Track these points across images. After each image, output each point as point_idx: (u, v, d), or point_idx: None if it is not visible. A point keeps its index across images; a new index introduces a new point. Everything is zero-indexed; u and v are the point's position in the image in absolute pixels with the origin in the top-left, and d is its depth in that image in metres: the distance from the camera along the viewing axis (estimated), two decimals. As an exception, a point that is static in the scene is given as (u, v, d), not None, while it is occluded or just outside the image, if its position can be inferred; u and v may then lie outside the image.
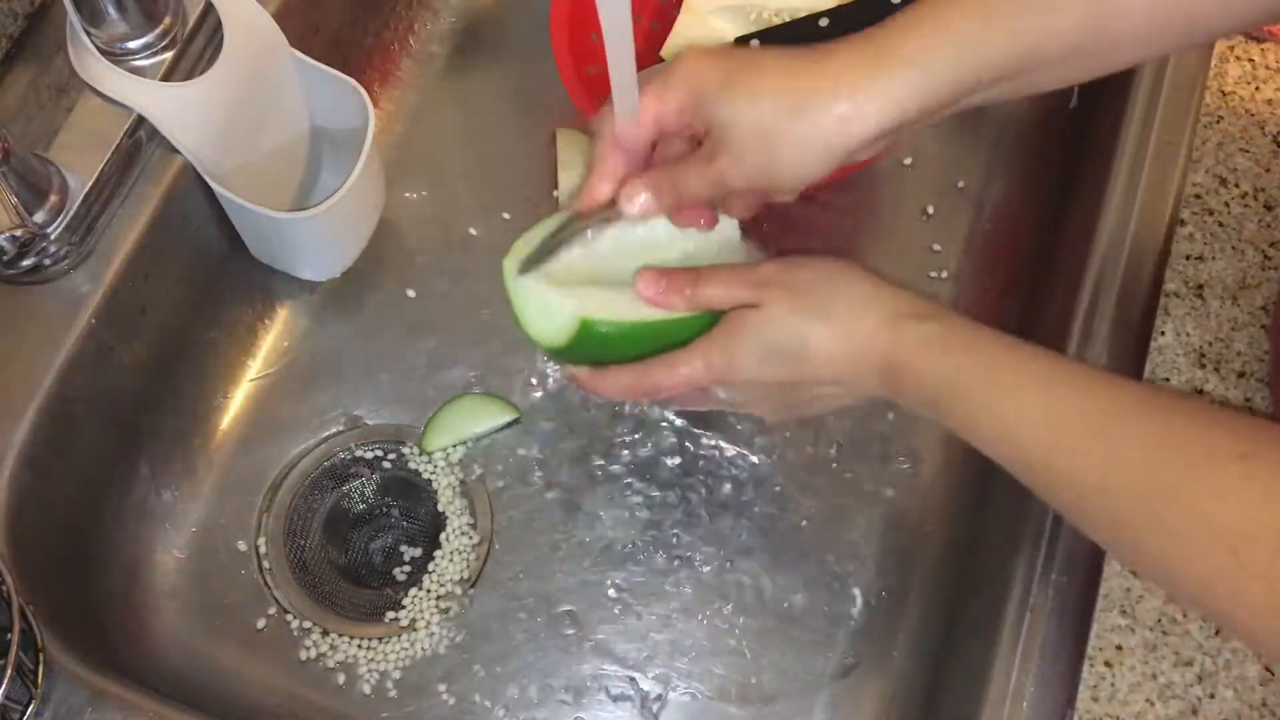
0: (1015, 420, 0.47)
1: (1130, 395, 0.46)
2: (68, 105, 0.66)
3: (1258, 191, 0.69)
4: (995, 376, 0.48)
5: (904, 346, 0.50)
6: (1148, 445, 0.43)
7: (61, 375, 0.64)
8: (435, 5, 0.89)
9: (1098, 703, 0.57)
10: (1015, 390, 0.47)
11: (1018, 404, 0.47)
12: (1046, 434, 0.46)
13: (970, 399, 0.49)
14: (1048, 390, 0.47)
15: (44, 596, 0.60)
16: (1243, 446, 0.41)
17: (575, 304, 0.56)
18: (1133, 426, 0.44)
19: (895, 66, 0.48)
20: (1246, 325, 0.65)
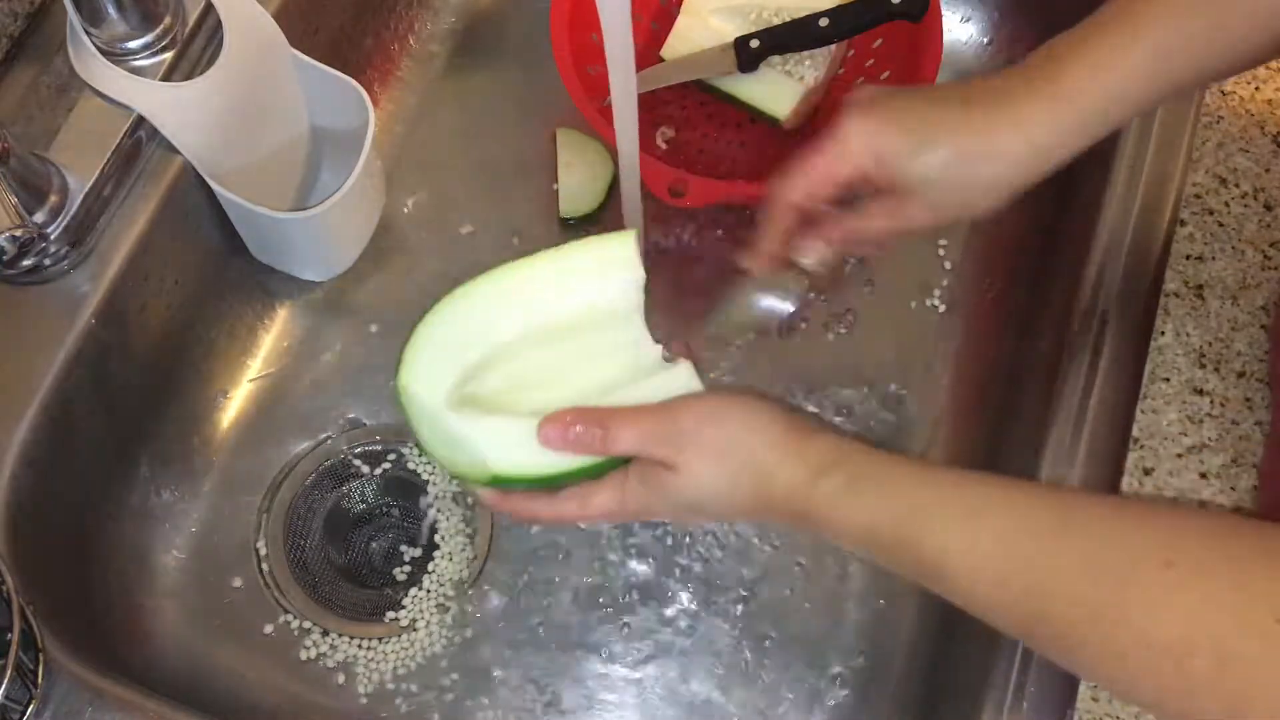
0: (938, 557, 0.46)
1: (1047, 514, 0.45)
2: (68, 105, 0.66)
3: (1258, 191, 0.69)
4: (911, 517, 0.47)
5: (817, 505, 0.50)
6: (1073, 566, 0.43)
7: (61, 375, 0.64)
8: (435, 5, 0.89)
9: (1098, 703, 0.57)
10: (932, 528, 0.47)
11: (938, 542, 0.46)
12: (969, 568, 0.46)
13: (890, 543, 0.48)
14: (962, 524, 0.46)
15: (44, 596, 0.60)
16: (1167, 553, 0.41)
17: (484, 448, 0.54)
18: (1054, 548, 0.43)
19: (1062, 109, 0.52)
20: (1246, 325, 0.65)
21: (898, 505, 0.48)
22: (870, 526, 0.48)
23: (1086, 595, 0.42)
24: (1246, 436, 0.62)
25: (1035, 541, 0.44)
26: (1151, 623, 0.40)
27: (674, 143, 0.84)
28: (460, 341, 0.55)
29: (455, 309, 0.55)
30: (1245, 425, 0.62)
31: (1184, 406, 0.63)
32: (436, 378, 0.55)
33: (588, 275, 0.55)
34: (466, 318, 0.55)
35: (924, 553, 0.47)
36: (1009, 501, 0.46)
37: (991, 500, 0.46)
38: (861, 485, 0.49)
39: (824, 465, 0.50)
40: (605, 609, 0.73)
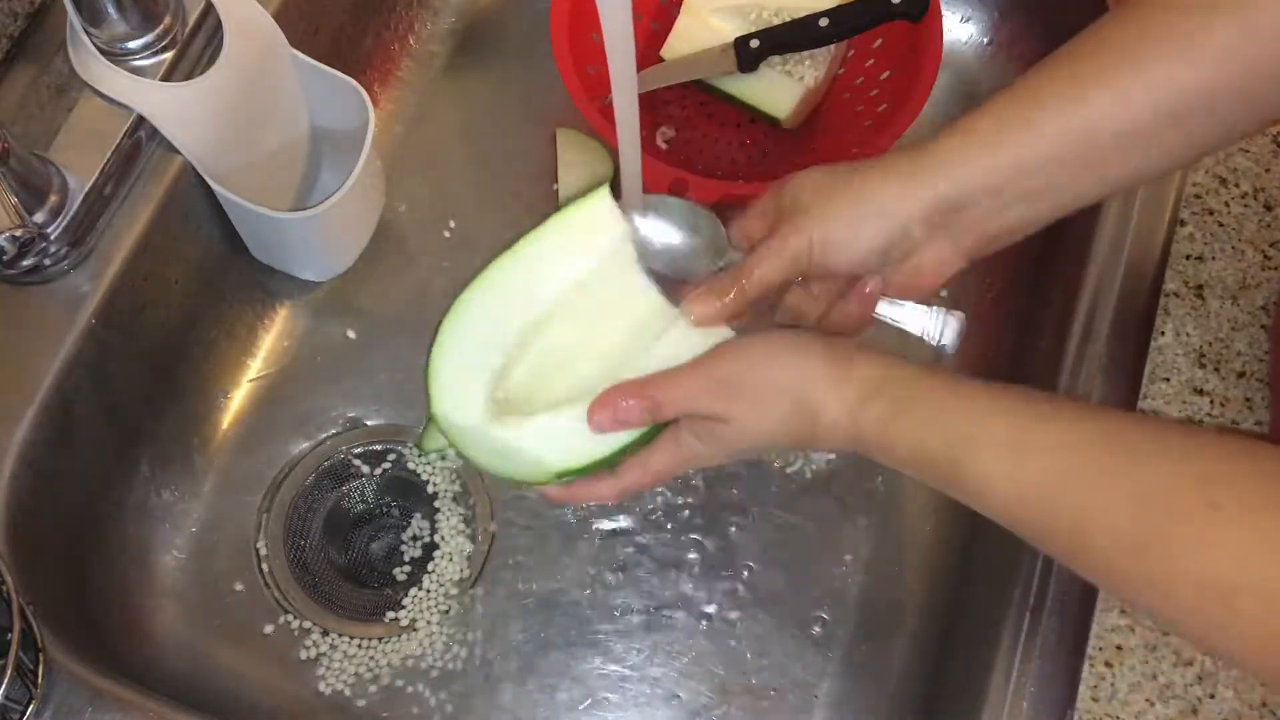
0: (982, 486, 0.47)
1: (1091, 445, 0.45)
2: (68, 105, 0.66)
3: (1258, 191, 0.69)
4: (956, 445, 0.48)
5: (865, 431, 0.51)
6: (1118, 501, 0.43)
7: (61, 375, 0.64)
8: (435, 5, 0.89)
9: (1098, 703, 0.57)
10: (975, 456, 0.47)
11: (982, 470, 0.47)
12: (1013, 497, 0.46)
13: (936, 467, 0.49)
14: (1005, 454, 0.47)
15: (44, 596, 0.60)
16: (1214, 492, 0.41)
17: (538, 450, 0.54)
18: (1099, 482, 0.44)
19: (934, 165, 0.52)
20: (1246, 325, 0.65)
21: (942, 432, 0.48)
22: (916, 451, 0.49)
23: (1132, 531, 0.42)
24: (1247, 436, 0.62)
25: (1079, 474, 0.44)
26: (1199, 561, 0.41)
27: (674, 143, 0.84)
28: (477, 354, 0.55)
29: (461, 323, 0.55)
30: (1245, 425, 0.62)
31: (1184, 406, 0.63)
32: (467, 398, 0.55)
33: (574, 245, 0.56)
34: (475, 328, 0.55)
35: (968, 481, 0.47)
36: (1052, 430, 0.46)
37: (1035, 428, 0.47)
38: (905, 411, 0.50)
39: (867, 391, 0.51)
40: (606, 609, 0.73)
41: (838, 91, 0.83)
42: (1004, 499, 0.47)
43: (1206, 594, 0.40)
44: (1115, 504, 0.43)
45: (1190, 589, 0.41)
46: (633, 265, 0.56)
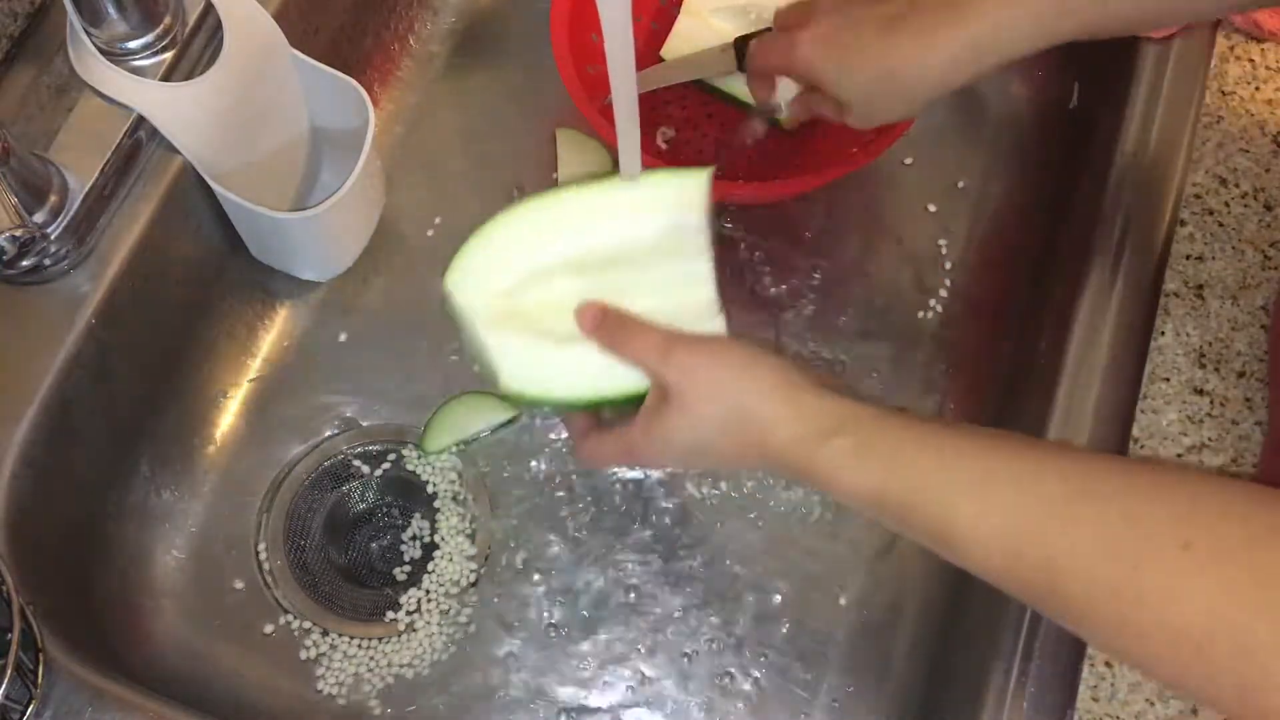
0: (947, 528, 0.46)
1: (1058, 485, 0.44)
2: (68, 105, 0.66)
3: (1258, 191, 0.69)
4: (920, 486, 0.47)
5: (822, 466, 0.50)
6: (1086, 542, 0.42)
7: (61, 375, 0.64)
8: (435, 5, 0.89)
9: (1098, 703, 0.57)
10: (940, 498, 0.46)
11: (947, 513, 0.46)
12: (980, 541, 0.45)
13: (898, 510, 0.48)
14: (971, 495, 0.46)
15: (44, 596, 0.60)
16: (1184, 531, 0.40)
17: (504, 364, 0.55)
18: (1066, 523, 0.43)
19: (960, 35, 0.58)
20: (1246, 325, 0.65)
21: (906, 473, 0.47)
22: (878, 492, 0.48)
23: (1102, 574, 0.42)
24: (1246, 436, 0.62)
25: (1046, 515, 0.44)
26: (1170, 607, 0.40)
27: (674, 143, 0.84)
28: (513, 254, 0.56)
29: (518, 221, 0.56)
30: (1245, 425, 0.62)
31: (1184, 406, 0.63)
32: (481, 287, 0.56)
33: (654, 207, 0.56)
34: (526, 231, 0.56)
35: (932, 522, 0.47)
36: (1018, 470, 0.45)
37: (1000, 469, 0.46)
38: (869, 451, 0.49)
39: (830, 426, 0.50)
40: (606, 609, 0.73)
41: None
42: (969, 543, 0.46)
43: (1180, 641, 0.40)
44: (1085, 544, 0.42)
45: (1162, 634, 0.40)
46: (701, 254, 0.56)
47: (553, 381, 0.56)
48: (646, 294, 0.55)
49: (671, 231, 0.56)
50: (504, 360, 0.56)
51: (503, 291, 0.56)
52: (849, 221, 0.84)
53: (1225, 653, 0.39)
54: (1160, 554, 0.40)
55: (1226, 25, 0.74)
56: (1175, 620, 0.40)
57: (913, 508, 0.47)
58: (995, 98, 0.88)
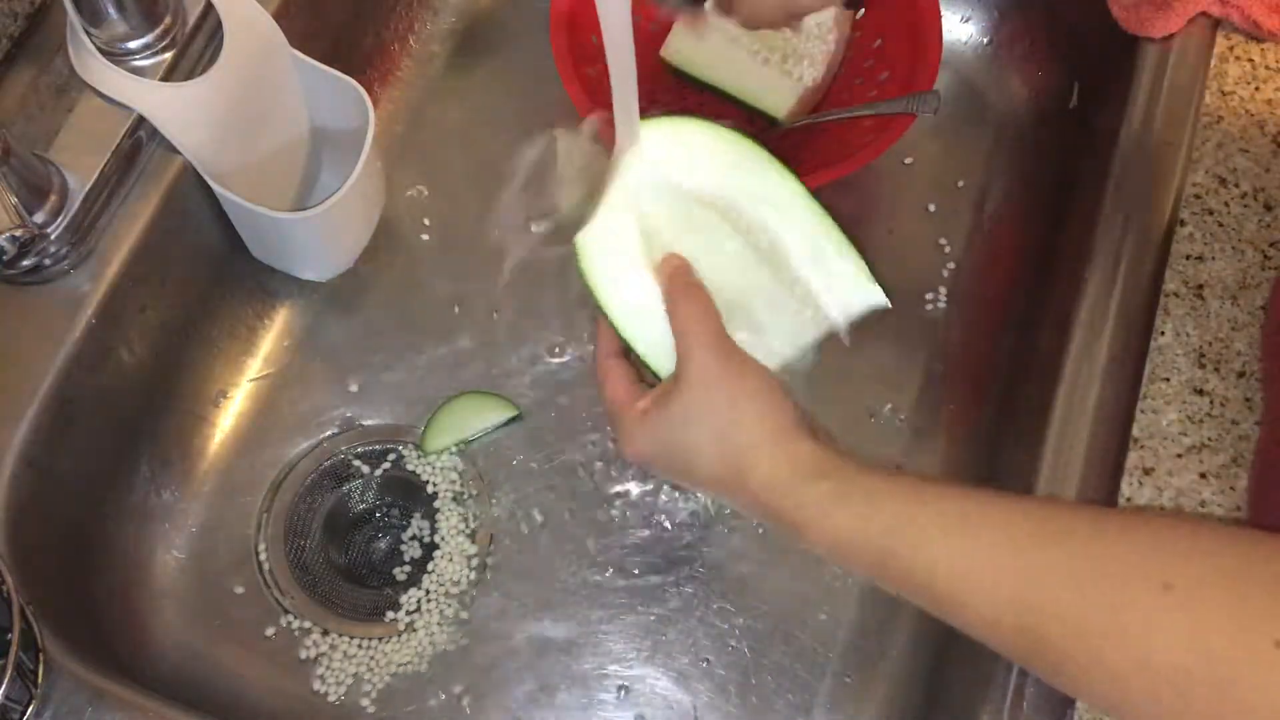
0: (927, 575, 0.46)
1: (1037, 529, 0.44)
2: (68, 105, 0.66)
3: (1258, 191, 0.69)
4: (899, 531, 0.47)
5: (799, 508, 0.49)
6: (1066, 585, 0.42)
7: (61, 375, 0.64)
8: (435, 5, 0.89)
9: (1098, 703, 0.57)
10: (920, 543, 0.46)
11: (927, 558, 0.46)
12: (959, 585, 0.45)
13: (877, 553, 0.48)
14: (951, 540, 0.45)
15: (44, 596, 0.60)
16: (1163, 573, 0.40)
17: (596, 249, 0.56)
18: (1046, 566, 0.43)
19: None
20: (1246, 325, 0.65)
21: (885, 519, 0.47)
22: (856, 536, 0.48)
23: (1081, 617, 0.41)
24: (1246, 436, 0.62)
25: (1025, 558, 0.43)
26: (1150, 647, 0.40)
27: (674, 143, 0.83)
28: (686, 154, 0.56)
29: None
30: (1245, 425, 0.62)
31: (1184, 406, 0.63)
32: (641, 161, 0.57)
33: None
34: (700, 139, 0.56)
35: (913, 568, 0.46)
36: (997, 516, 0.45)
37: (978, 515, 0.46)
38: (850, 496, 0.48)
39: (811, 471, 0.49)
40: (605, 609, 0.73)
41: (836, 91, 0.83)
42: (949, 589, 0.45)
43: (1160, 682, 0.39)
44: (1064, 587, 0.42)
45: (1142, 675, 0.40)
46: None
47: (611, 293, 0.55)
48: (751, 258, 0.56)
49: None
50: (587, 237, 0.56)
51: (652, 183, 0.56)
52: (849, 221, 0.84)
53: (1205, 694, 0.38)
54: (1139, 595, 0.40)
55: (1226, 25, 0.74)
56: (1155, 660, 0.39)
57: (891, 552, 0.47)
58: (995, 98, 0.88)
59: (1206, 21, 0.74)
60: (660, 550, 0.74)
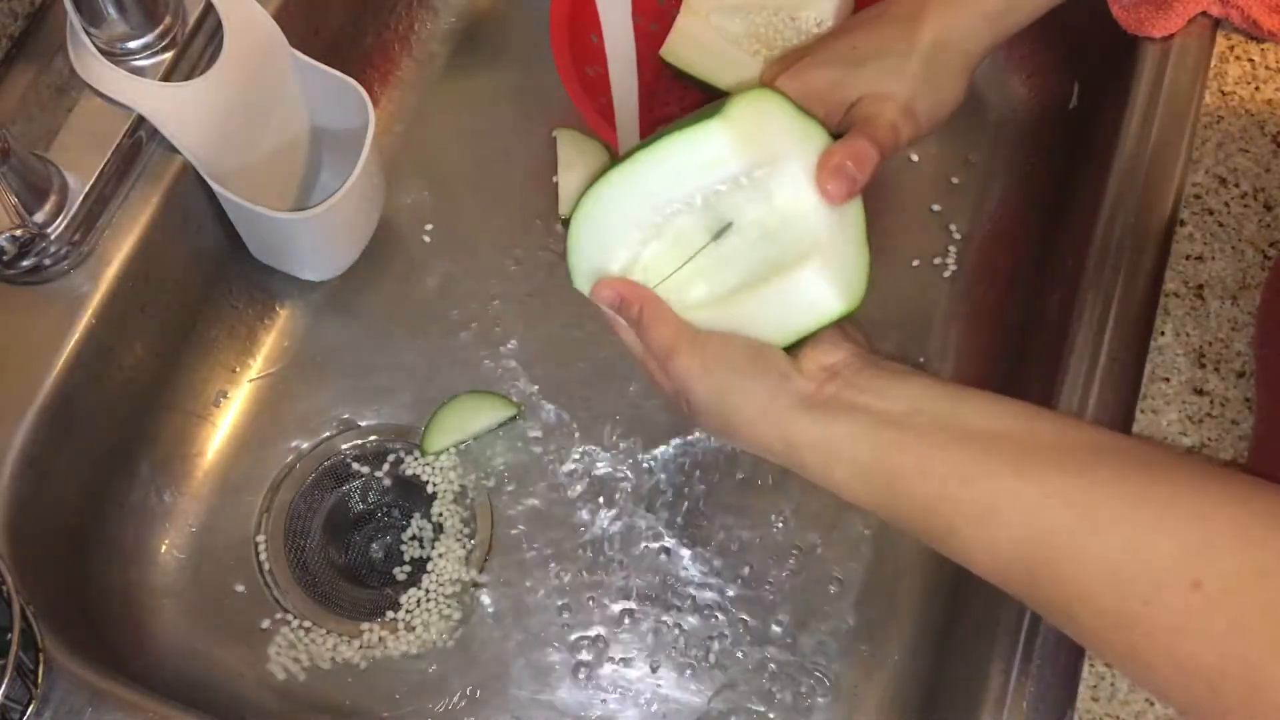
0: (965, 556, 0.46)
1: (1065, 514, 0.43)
2: (68, 105, 0.66)
3: (1258, 191, 0.69)
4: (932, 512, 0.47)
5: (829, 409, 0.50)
6: (1097, 577, 0.42)
7: (61, 375, 0.64)
8: (435, 5, 0.89)
9: (1098, 703, 0.57)
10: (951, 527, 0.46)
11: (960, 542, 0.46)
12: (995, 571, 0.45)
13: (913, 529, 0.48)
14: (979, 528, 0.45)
15: (44, 596, 0.60)
16: (1194, 568, 0.40)
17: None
18: (1076, 557, 0.42)
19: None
20: (1246, 325, 0.65)
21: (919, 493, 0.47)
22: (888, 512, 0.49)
23: (1113, 608, 0.41)
24: (1246, 436, 0.62)
25: (1055, 549, 0.43)
26: (1181, 644, 0.40)
27: (674, 143, 0.83)
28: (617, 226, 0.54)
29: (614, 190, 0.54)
30: (1245, 425, 0.62)
31: (1184, 406, 0.63)
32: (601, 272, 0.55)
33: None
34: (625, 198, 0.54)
35: (951, 550, 0.47)
36: (1023, 499, 0.45)
37: (1003, 498, 0.45)
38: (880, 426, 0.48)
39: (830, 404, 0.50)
40: (605, 609, 0.73)
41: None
42: (988, 572, 0.46)
43: (1191, 678, 0.40)
44: (1096, 579, 0.42)
45: (1175, 670, 0.40)
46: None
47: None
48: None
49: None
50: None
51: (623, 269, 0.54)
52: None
53: (1238, 691, 0.38)
54: (1169, 591, 0.40)
55: (1226, 25, 0.74)
56: (1186, 659, 0.40)
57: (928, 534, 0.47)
58: (996, 98, 0.88)
59: (1206, 21, 0.74)
60: (661, 548, 0.74)
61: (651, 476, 0.76)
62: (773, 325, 0.52)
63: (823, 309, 0.52)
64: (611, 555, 0.74)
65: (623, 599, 0.73)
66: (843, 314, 0.52)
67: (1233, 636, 0.39)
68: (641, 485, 0.76)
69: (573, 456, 0.77)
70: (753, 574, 0.74)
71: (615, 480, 0.76)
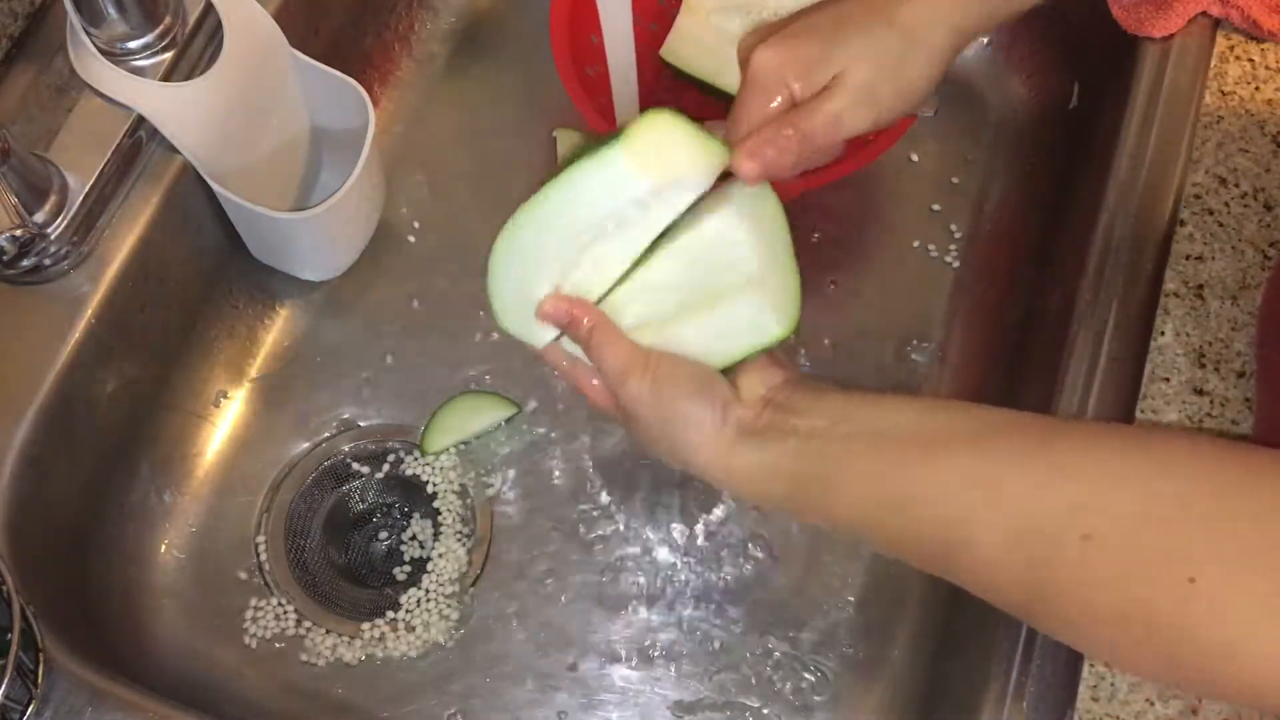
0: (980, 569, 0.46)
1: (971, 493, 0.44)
2: (68, 105, 0.66)
3: (1258, 191, 0.69)
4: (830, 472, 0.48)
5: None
6: (1003, 544, 0.43)
7: (61, 375, 0.64)
8: (435, 5, 0.89)
9: (1098, 703, 0.57)
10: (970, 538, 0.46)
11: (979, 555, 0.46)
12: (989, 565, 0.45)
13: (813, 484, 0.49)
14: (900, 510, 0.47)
15: (44, 596, 0.60)
16: (1083, 523, 0.41)
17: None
18: (983, 533, 0.43)
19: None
20: (1246, 325, 0.65)
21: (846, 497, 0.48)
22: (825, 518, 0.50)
23: (1022, 574, 0.43)
24: (1247, 436, 0.62)
25: (966, 525, 0.44)
26: (1085, 596, 0.41)
27: (674, 143, 0.83)
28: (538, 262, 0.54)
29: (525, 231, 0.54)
30: (1245, 425, 0.62)
31: (1184, 406, 0.63)
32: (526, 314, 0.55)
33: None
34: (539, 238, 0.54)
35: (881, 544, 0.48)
36: (933, 486, 0.46)
37: (918, 487, 0.46)
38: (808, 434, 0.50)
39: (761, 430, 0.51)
40: (605, 609, 0.73)
41: (838, 91, 0.83)
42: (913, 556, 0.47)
43: (1102, 626, 0.41)
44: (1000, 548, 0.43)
45: (1088, 621, 0.42)
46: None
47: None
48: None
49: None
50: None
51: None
52: (850, 221, 0.84)
53: (1140, 633, 0.40)
54: (1065, 548, 0.41)
55: (1226, 25, 0.74)
56: (1092, 609, 0.41)
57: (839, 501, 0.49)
58: (995, 98, 0.88)
59: (1206, 21, 0.74)
60: (660, 548, 0.74)
61: (651, 476, 0.76)
62: (712, 349, 0.53)
63: (762, 334, 0.53)
64: (612, 554, 0.74)
65: (623, 599, 0.73)
66: (781, 339, 0.53)
67: (1126, 581, 0.40)
68: (642, 484, 0.76)
69: (573, 456, 0.77)
70: (753, 573, 0.74)
71: (616, 480, 0.76)
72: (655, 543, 0.74)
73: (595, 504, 0.75)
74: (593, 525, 0.75)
